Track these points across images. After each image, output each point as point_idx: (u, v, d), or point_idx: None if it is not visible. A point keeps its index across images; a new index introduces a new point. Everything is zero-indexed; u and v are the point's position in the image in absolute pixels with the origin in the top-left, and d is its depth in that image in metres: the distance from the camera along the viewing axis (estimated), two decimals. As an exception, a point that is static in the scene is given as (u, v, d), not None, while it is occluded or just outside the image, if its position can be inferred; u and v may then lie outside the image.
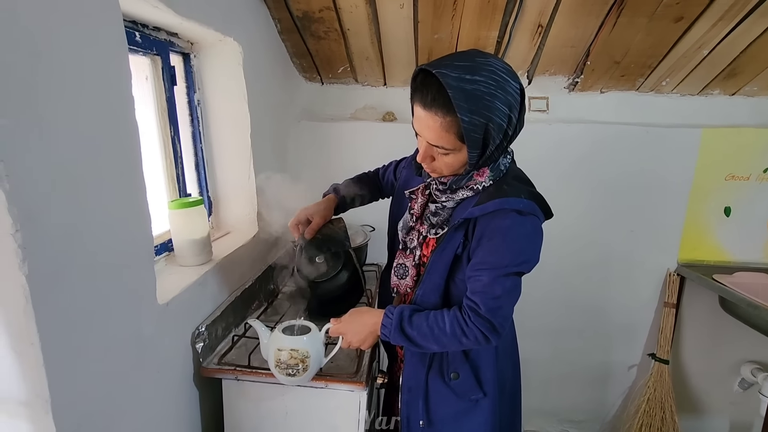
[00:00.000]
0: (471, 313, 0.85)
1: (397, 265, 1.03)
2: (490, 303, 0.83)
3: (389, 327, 0.90)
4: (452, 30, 1.57)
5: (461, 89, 0.73)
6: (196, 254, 1.15)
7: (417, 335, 0.89)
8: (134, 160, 0.82)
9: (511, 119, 0.79)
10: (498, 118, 0.76)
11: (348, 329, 0.96)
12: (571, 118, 1.92)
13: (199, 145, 1.36)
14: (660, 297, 2.05)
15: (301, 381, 0.99)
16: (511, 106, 0.78)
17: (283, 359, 0.96)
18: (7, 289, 0.58)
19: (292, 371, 0.96)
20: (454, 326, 0.86)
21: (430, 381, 0.99)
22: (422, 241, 0.98)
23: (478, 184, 0.88)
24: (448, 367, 0.97)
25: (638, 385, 2.12)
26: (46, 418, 0.64)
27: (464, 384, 0.97)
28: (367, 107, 1.96)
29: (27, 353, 0.61)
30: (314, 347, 0.97)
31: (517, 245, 0.83)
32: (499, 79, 0.76)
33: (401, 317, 0.90)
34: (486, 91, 0.74)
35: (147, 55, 1.13)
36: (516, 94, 0.79)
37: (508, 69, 0.79)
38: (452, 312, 0.88)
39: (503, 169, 0.89)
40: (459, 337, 0.86)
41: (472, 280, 0.85)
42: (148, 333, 0.88)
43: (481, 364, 0.97)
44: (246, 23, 1.35)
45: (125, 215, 0.80)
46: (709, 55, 1.64)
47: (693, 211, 1.93)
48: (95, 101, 0.71)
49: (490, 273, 0.83)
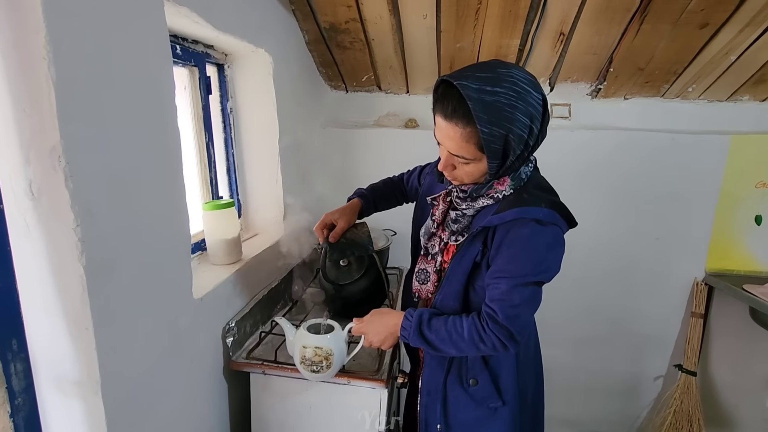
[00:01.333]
0: (489, 320, 0.86)
1: (419, 270, 1.05)
2: (508, 311, 0.84)
3: (408, 329, 0.92)
4: (474, 39, 1.60)
5: (481, 100, 0.74)
6: (228, 254, 1.21)
7: (435, 338, 0.90)
8: (176, 164, 0.89)
9: (532, 130, 0.79)
10: (519, 129, 0.77)
11: (369, 329, 0.99)
12: (594, 124, 1.92)
13: (231, 151, 1.43)
14: (687, 307, 2.00)
15: (325, 377, 1.03)
16: (533, 116, 0.78)
17: (307, 356, 1.00)
18: (67, 279, 0.65)
19: (316, 368, 1.00)
20: (471, 332, 0.87)
21: (449, 385, 0.99)
22: (443, 247, 1.00)
23: (498, 193, 0.89)
24: (467, 373, 0.97)
25: (664, 396, 2.07)
26: (95, 398, 0.70)
27: (483, 391, 0.97)
28: (390, 114, 2.01)
29: (82, 337, 0.67)
30: (337, 345, 1.01)
31: (537, 255, 0.83)
32: (520, 90, 0.76)
33: (420, 320, 0.92)
34: (506, 102, 0.75)
35: (186, 66, 1.21)
36: (538, 105, 0.79)
37: (531, 80, 0.79)
38: (471, 318, 0.88)
39: (524, 178, 0.90)
40: (476, 343, 0.87)
41: (491, 288, 0.86)
42: (184, 325, 0.94)
43: (501, 372, 0.97)
44: (276, 35, 1.42)
45: (167, 214, 0.87)
46: (737, 61, 1.61)
47: (721, 219, 1.89)
48: (144, 110, 0.78)
49: (508, 281, 0.83)
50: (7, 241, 0.59)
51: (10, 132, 0.60)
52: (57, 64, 0.58)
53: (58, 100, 0.59)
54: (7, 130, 0.60)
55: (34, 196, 0.62)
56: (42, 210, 0.62)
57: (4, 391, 0.60)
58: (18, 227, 0.62)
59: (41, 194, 0.62)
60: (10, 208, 0.61)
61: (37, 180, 0.61)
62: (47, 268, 0.65)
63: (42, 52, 0.57)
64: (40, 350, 0.67)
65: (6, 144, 0.60)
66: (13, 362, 0.61)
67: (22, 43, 0.57)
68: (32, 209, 0.62)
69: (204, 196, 1.32)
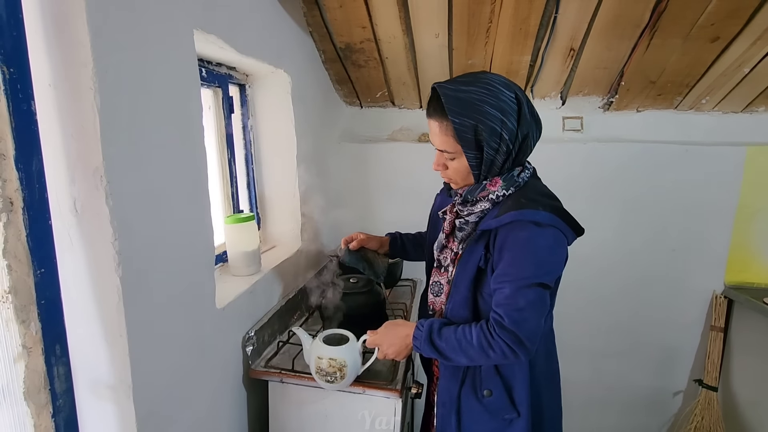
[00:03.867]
0: (496, 325, 0.86)
1: (433, 283, 1.08)
2: (513, 315, 0.84)
3: (420, 339, 0.94)
4: (485, 56, 1.64)
5: (455, 96, 0.85)
6: (248, 265, 1.26)
7: (446, 347, 0.91)
8: (202, 181, 0.95)
9: (505, 123, 0.85)
10: (489, 121, 0.84)
11: (383, 341, 1.01)
12: (606, 137, 1.93)
13: (251, 166, 1.49)
14: (706, 320, 1.97)
15: (339, 387, 1.05)
16: (504, 111, 0.85)
17: (322, 367, 1.03)
18: (105, 288, 0.70)
19: (330, 378, 1.03)
20: (480, 339, 0.87)
21: (463, 397, 0.99)
22: (454, 257, 1.02)
23: (492, 194, 0.92)
24: (480, 384, 0.97)
25: (684, 412, 2.03)
26: (127, 402, 0.75)
27: (497, 402, 0.96)
28: (404, 129, 2.06)
29: (116, 343, 0.72)
30: (351, 357, 1.04)
31: (537, 257, 0.85)
32: (492, 88, 0.85)
33: (431, 330, 0.93)
34: (477, 97, 0.84)
35: (210, 87, 1.28)
36: (510, 102, 0.85)
37: (504, 82, 0.87)
38: (479, 325, 0.89)
39: (519, 182, 0.93)
40: (486, 350, 0.86)
41: (497, 293, 0.87)
42: (207, 334, 0.98)
43: (515, 383, 0.96)
44: (294, 55, 1.49)
45: (194, 228, 0.92)
46: (751, 73, 1.62)
47: (740, 231, 1.87)
48: (175, 132, 0.84)
49: (511, 285, 0.84)
50: (54, 254, 0.64)
51: (58, 154, 0.66)
52: (102, 93, 0.64)
53: (101, 125, 0.65)
54: (55, 153, 0.66)
55: (78, 212, 0.68)
56: (84, 225, 0.68)
57: (47, 392, 0.65)
58: (63, 241, 0.68)
59: (84, 211, 0.67)
60: (57, 223, 0.67)
61: (81, 198, 0.67)
62: (87, 278, 0.70)
63: (89, 83, 0.63)
64: (79, 355, 0.72)
65: (54, 165, 0.66)
66: (56, 366, 0.66)
67: (72, 75, 0.63)
68: (76, 225, 0.68)
69: (225, 210, 1.38)
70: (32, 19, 0.60)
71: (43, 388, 0.65)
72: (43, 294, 0.63)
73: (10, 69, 0.56)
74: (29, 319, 0.62)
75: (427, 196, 1.38)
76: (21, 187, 0.58)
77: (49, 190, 0.63)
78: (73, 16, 0.61)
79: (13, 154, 0.57)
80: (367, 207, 2.07)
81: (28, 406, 0.64)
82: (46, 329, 0.64)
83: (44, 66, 0.62)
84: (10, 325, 0.61)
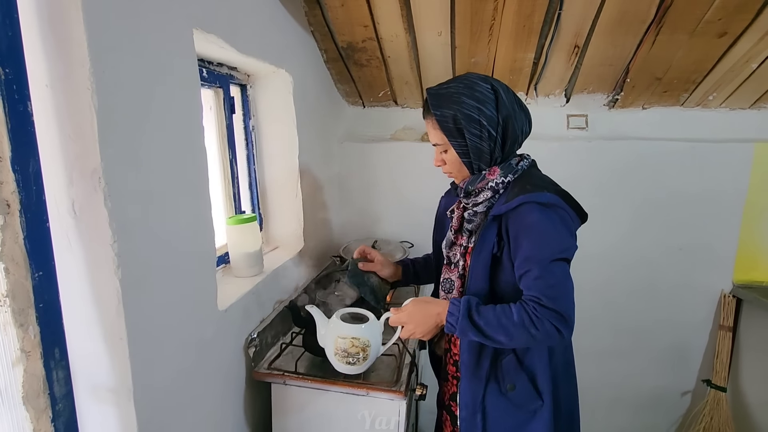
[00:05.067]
0: (535, 305, 0.85)
1: (444, 280, 1.07)
2: (548, 292, 0.85)
3: (456, 315, 0.89)
4: (489, 54, 1.63)
5: (436, 94, 0.96)
6: (250, 266, 1.25)
7: (485, 324, 0.87)
8: (203, 182, 0.94)
9: (482, 110, 0.92)
10: (466, 110, 0.92)
11: (411, 319, 0.95)
12: (612, 134, 1.91)
13: (253, 167, 1.48)
14: (714, 319, 1.94)
15: (359, 370, 0.99)
16: (480, 100, 0.92)
17: (344, 347, 0.97)
18: (104, 291, 0.70)
19: (352, 360, 0.97)
20: (522, 316, 0.85)
21: (488, 396, 0.98)
22: (464, 252, 1.03)
23: (492, 182, 0.97)
24: (503, 379, 0.96)
25: (693, 412, 2.00)
26: (128, 405, 0.74)
27: (522, 394, 0.96)
28: (407, 128, 2.05)
29: (117, 346, 0.72)
30: (374, 337, 0.97)
31: (552, 234, 0.88)
32: (468, 83, 0.94)
33: (469, 305, 0.90)
34: (455, 91, 0.94)
35: (211, 87, 1.27)
36: (487, 92, 0.93)
37: (481, 77, 0.96)
38: (517, 304, 0.88)
39: (519, 169, 0.97)
40: (528, 328, 0.84)
41: (525, 279, 0.88)
42: (209, 336, 0.98)
43: (537, 372, 0.96)
44: (296, 55, 1.48)
45: (195, 230, 0.91)
46: (759, 68, 1.59)
47: (748, 229, 1.84)
48: (174, 132, 0.83)
49: (537, 266, 0.86)
50: (52, 256, 0.64)
51: (56, 155, 0.65)
52: (99, 93, 0.63)
53: (99, 126, 0.64)
54: (53, 154, 0.65)
55: (76, 214, 0.67)
56: (83, 227, 0.67)
57: (46, 396, 0.64)
58: (61, 243, 0.67)
59: (82, 213, 0.67)
60: (55, 225, 0.66)
61: (79, 199, 0.66)
62: (86, 281, 0.69)
63: (86, 83, 0.62)
64: (79, 359, 0.72)
65: (52, 167, 0.65)
66: (55, 370, 0.65)
67: (69, 75, 0.62)
68: (74, 227, 0.67)
69: (227, 211, 1.38)
70: (28, 19, 0.59)
71: (42, 392, 0.64)
72: (42, 297, 0.62)
73: (6, 69, 0.55)
74: (27, 322, 0.61)
75: (430, 195, 1.37)
76: (18, 189, 0.58)
77: (46, 192, 0.63)
78: (69, 15, 0.60)
79: (10, 155, 0.56)
80: (370, 207, 2.06)
81: (27, 410, 0.63)
82: (45, 333, 0.63)
83: (40, 66, 0.61)
84: (8, 328, 0.60)
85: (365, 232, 2.06)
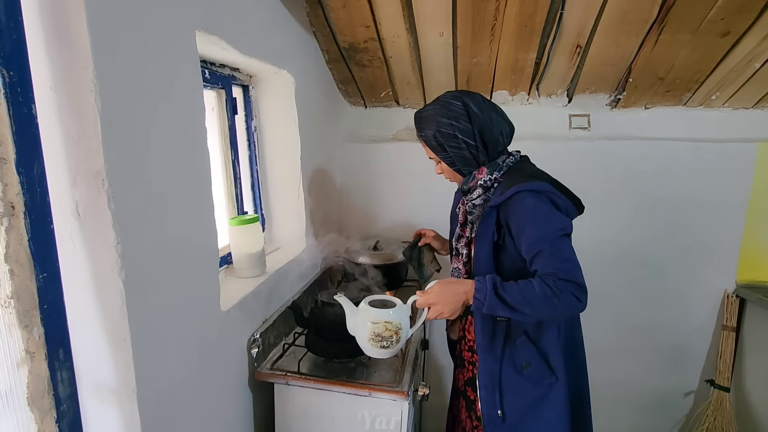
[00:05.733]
0: (554, 279, 0.90)
1: (453, 269, 1.19)
2: (562, 266, 0.90)
3: (483, 291, 0.93)
4: (490, 54, 1.62)
5: (419, 117, 1.11)
6: (252, 267, 1.25)
7: (510, 298, 0.92)
8: (205, 183, 0.94)
9: (454, 125, 1.04)
10: (442, 128, 1.05)
11: (438, 299, 0.98)
12: (614, 134, 1.90)
13: (255, 167, 1.49)
14: (718, 319, 1.94)
15: (391, 353, 1.02)
16: (453, 117, 1.04)
17: (378, 332, 0.99)
18: (108, 293, 0.70)
19: (386, 343, 1.00)
20: (543, 288, 0.89)
21: (504, 374, 1.05)
22: (467, 242, 1.14)
23: (481, 180, 1.08)
24: (518, 358, 1.04)
25: (696, 413, 1.99)
26: (131, 406, 0.75)
27: (536, 371, 1.04)
28: (408, 128, 2.05)
29: (120, 348, 0.72)
30: (404, 319, 1.01)
31: (551, 215, 0.96)
32: (443, 103, 1.07)
33: (494, 281, 0.94)
34: (432, 113, 1.07)
35: (214, 88, 1.27)
36: (459, 110, 1.04)
37: (455, 95, 1.08)
38: (537, 279, 0.92)
39: (504, 166, 1.07)
40: (551, 299, 0.89)
41: (538, 258, 0.93)
42: (212, 337, 0.98)
43: (549, 350, 1.04)
44: (298, 56, 1.49)
45: (197, 231, 0.91)
46: (762, 68, 1.58)
47: (751, 229, 1.83)
48: (177, 134, 0.84)
49: (546, 245, 0.92)
50: (56, 258, 0.64)
51: (59, 158, 0.65)
52: (102, 95, 0.64)
53: (102, 128, 0.64)
54: (57, 156, 0.65)
55: (80, 216, 0.67)
56: (86, 229, 0.68)
57: (51, 397, 0.65)
58: (65, 245, 0.68)
59: (86, 214, 0.67)
60: (59, 227, 0.66)
61: (83, 201, 0.67)
62: (90, 282, 0.70)
63: (90, 86, 0.62)
64: (83, 360, 0.72)
65: (56, 169, 0.65)
66: (59, 371, 0.65)
67: (72, 77, 0.63)
68: (78, 228, 0.68)
69: (230, 212, 1.38)
70: (32, 22, 0.59)
71: (47, 393, 0.64)
72: (46, 298, 0.62)
73: (10, 72, 0.55)
74: (32, 324, 0.61)
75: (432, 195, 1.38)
76: (22, 191, 0.58)
77: (50, 194, 0.63)
78: (73, 18, 0.61)
79: (14, 157, 0.57)
80: (372, 207, 2.06)
81: (32, 411, 0.64)
82: (49, 334, 0.63)
83: (44, 69, 0.62)
84: (12, 330, 0.60)
85: (367, 232, 2.06)
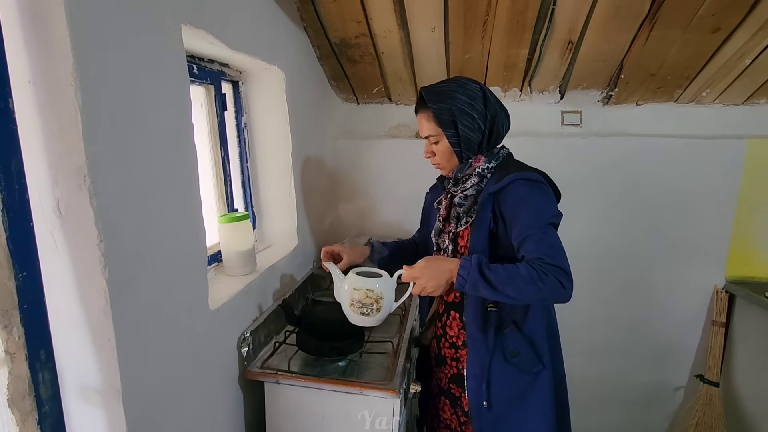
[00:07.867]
0: (540, 262, 0.91)
1: None
2: (549, 251, 0.92)
3: (468, 268, 0.93)
4: (483, 49, 1.62)
5: (432, 90, 1.07)
6: (243, 265, 1.24)
7: (495, 279, 0.92)
8: (192, 179, 0.92)
9: (473, 105, 1.03)
10: (459, 104, 1.03)
11: (423, 274, 0.99)
12: (606, 131, 1.91)
13: (245, 164, 1.47)
14: (707, 315, 1.96)
15: (373, 322, 1.04)
16: (471, 97, 1.04)
17: (358, 298, 1.03)
18: (91, 292, 0.68)
19: (366, 310, 1.03)
20: (529, 270, 0.90)
21: (494, 364, 1.05)
22: (453, 237, 1.12)
23: (478, 168, 1.07)
24: (508, 347, 1.04)
25: (685, 408, 2.01)
26: (117, 406, 0.73)
27: (525, 360, 1.04)
28: (401, 125, 2.04)
29: (104, 347, 0.70)
30: (387, 290, 1.04)
31: (541, 204, 0.99)
32: (460, 82, 1.06)
33: (480, 260, 0.95)
34: (448, 89, 1.05)
35: (202, 84, 1.25)
36: (476, 91, 1.05)
37: (470, 79, 1.08)
38: (523, 262, 0.93)
39: (500, 156, 1.09)
40: (536, 281, 0.89)
41: (526, 243, 0.94)
42: (200, 336, 0.96)
43: (536, 338, 1.05)
44: (289, 51, 1.47)
45: (184, 228, 0.90)
46: (753, 64, 1.59)
47: (740, 225, 1.85)
48: (163, 129, 0.82)
49: (535, 231, 0.95)
50: (36, 256, 0.62)
51: (39, 154, 0.64)
52: (83, 89, 0.62)
53: (83, 123, 0.62)
54: (36, 152, 0.63)
55: (61, 213, 0.65)
56: (68, 227, 0.66)
57: (32, 399, 0.63)
58: (46, 243, 0.66)
59: (68, 212, 0.65)
60: (39, 225, 0.65)
61: (64, 199, 0.65)
62: (73, 281, 0.68)
63: (69, 79, 0.61)
64: (66, 360, 0.70)
65: (36, 165, 0.64)
66: (41, 372, 0.64)
67: (51, 71, 0.61)
68: (59, 226, 0.66)
69: (220, 209, 1.36)
70: (8, 13, 0.58)
71: (28, 395, 0.63)
72: (26, 298, 0.61)
73: (-15, 65, 0.53)
74: (11, 324, 0.60)
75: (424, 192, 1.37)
76: (-1, 188, 0.56)
77: (30, 191, 0.61)
78: (51, 9, 0.59)
79: (-10, 153, 0.55)
80: (364, 204, 2.05)
81: (13, 413, 0.62)
82: (30, 334, 0.62)
83: (22, 62, 0.60)
84: (-9, 330, 0.59)
85: (359, 230, 2.05)
